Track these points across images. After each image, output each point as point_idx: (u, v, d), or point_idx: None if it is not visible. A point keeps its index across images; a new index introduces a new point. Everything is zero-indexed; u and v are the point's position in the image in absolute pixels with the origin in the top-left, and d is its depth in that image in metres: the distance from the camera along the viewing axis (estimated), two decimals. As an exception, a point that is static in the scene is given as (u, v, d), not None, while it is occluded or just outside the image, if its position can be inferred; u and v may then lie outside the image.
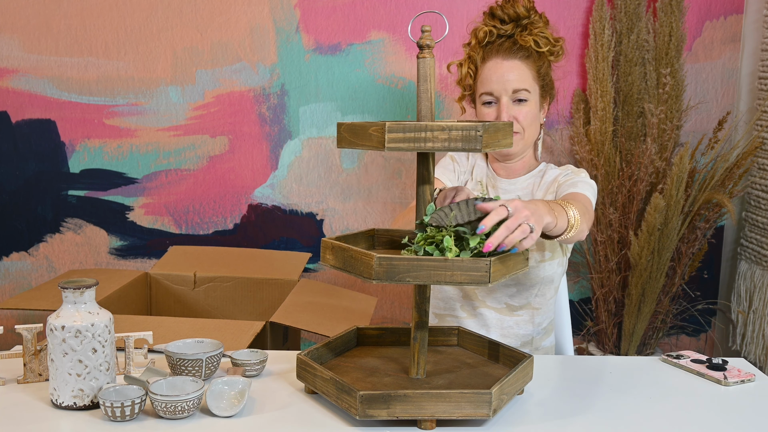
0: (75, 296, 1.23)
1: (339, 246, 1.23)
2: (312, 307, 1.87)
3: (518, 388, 1.26)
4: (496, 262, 1.13)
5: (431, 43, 1.24)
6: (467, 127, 1.14)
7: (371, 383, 1.27)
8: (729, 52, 2.56)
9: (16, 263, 2.67)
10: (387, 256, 1.14)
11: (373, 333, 1.48)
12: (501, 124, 1.21)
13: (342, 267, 1.23)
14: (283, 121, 2.58)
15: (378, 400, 1.15)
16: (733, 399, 1.34)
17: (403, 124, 1.15)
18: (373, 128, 1.16)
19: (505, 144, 1.24)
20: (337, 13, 2.52)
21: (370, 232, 1.40)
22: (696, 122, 2.58)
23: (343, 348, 1.44)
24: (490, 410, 1.15)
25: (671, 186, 2.31)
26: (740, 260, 2.61)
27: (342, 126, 1.23)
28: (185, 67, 2.55)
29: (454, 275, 1.13)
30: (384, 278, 1.15)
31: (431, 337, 1.46)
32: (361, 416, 1.16)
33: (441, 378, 1.29)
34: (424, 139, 1.15)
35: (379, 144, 1.15)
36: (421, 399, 1.15)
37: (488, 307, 1.69)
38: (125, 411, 1.17)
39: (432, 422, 1.17)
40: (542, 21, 1.68)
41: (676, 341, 2.73)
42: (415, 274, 1.14)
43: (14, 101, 2.57)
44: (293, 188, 2.62)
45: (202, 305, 2.17)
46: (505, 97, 1.63)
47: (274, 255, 2.37)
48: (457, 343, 1.48)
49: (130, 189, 2.63)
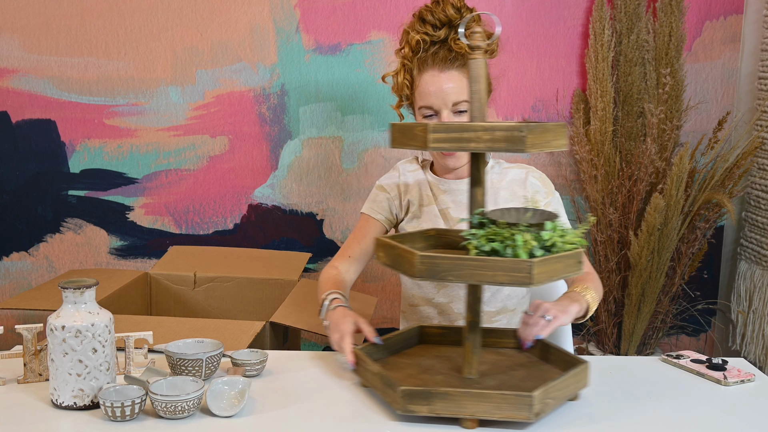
0: (75, 296, 1.23)
1: (388, 244, 1.26)
2: (312, 307, 1.87)
3: (569, 394, 1.24)
4: (539, 264, 1.11)
5: (482, 44, 1.23)
6: (511, 128, 1.13)
7: (421, 380, 1.28)
8: (729, 52, 2.56)
9: (16, 263, 2.67)
10: (429, 254, 1.15)
11: (435, 332, 1.49)
12: (551, 124, 1.18)
13: (391, 264, 1.25)
14: (283, 121, 2.58)
15: (419, 396, 1.16)
16: (732, 399, 1.34)
17: (447, 125, 1.16)
18: (419, 128, 1.18)
19: (557, 145, 1.19)
20: (337, 13, 2.53)
21: (430, 232, 1.40)
22: (696, 122, 2.58)
23: (403, 345, 1.45)
24: (531, 413, 1.14)
25: (671, 186, 2.31)
26: (740, 260, 2.61)
27: (394, 126, 1.25)
28: (185, 67, 2.55)
29: (497, 275, 1.12)
30: (426, 276, 1.16)
31: (493, 339, 1.46)
32: (402, 410, 1.17)
33: (493, 379, 1.29)
34: (467, 139, 1.14)
35: (423, 143, 1.17)
36: (462, 398, 1.15)
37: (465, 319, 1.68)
38: (125, 411, 1.17)
39: (473, 422, 1.17)
40: (474, 19, 1.59)
41: (676, 341, 2.73)
42: (457, 273, 1.14)
43: (14, 101, 2.57)
44: (293, 188, 2.62)
45: (202, 305, 2.17)
46: (446, 110, 1.57)
47: (274, 255, 2.37)
48: (516, 345, 1.46)
49: (130, 189, 2.63)
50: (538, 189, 1.68)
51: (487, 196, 1.68)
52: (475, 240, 1.18)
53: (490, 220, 1.21)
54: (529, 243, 1.14)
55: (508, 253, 1.14)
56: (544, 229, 1.17)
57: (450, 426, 1.18)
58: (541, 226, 1.17)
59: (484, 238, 1.17)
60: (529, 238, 1.14)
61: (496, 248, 1.15)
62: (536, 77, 2.56)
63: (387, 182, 1.75)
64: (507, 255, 1.14)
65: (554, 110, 2.57)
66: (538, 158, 2.59)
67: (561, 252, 1.15)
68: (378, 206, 1.73)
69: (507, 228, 1.17)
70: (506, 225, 1.18)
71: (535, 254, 1.13)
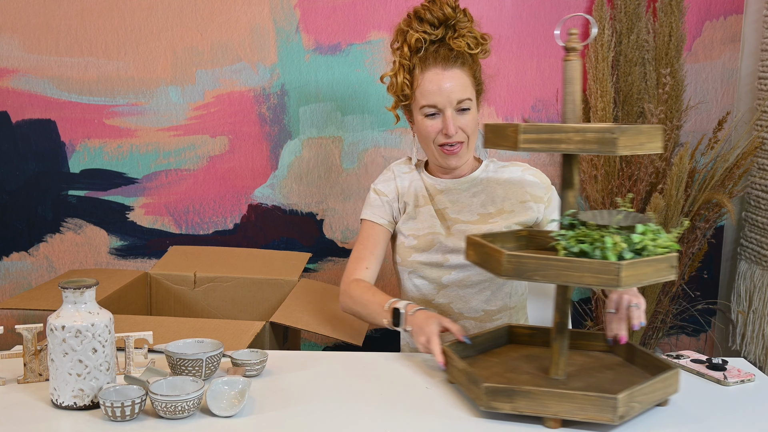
0: (75, 296, 1.23)
1: (478, 242, 1.26)
2: (312, 307, 1.87)
3: (656, 399, 1.23)
4: (628, 267, 1.10)
5: (578, 45, 1.23)
6: (602, 129, 1.12)
7: (507, 379, 1.28)
8: (729, 52, 2.56)
9: (16, 263, 2.67)
10: (516, 254, 1.16)
11: (524, 332, 1.49)
12: (646, 127, 1.16)
13: (479, 263, 1.26)
14: (283, 121, 2.58)
15: (502, 394, 1.17)
16: (732, 399, 1.34)
17: (538, 126, 1.16)
18: (510, 129, 1.19)
19: (652, 148, 1.18)
20: (337, 13, 2.53)
21: (522, 233, 1.40)
22: (696, 122, 2.58)
23: (492, 344, 1.46)
24: (615, 415, 1.13)
25: (671, 186, 2.31)
26: (740, 260, 2.61)
27: (487, 127, 1.27)
28: (185, 67, 2.55)
29: (583, 276, 1.12)
30: (512, 275, 1.16)
31: (585, 341, 1.45)
32: (485, 407, 1.18)
33: (580, 380, 1.28)
34: (557, 140, 1.14)
35: (513, 144, 1.17)
36: (545, 397, 1.15)
37: (467, 318, 1.68)
38: (125, 411, 1.17)
39: (556, 421, 1.17)
40: (467, 18, 1.62)
41: (676, 341, 2.73)
42: (543, 273, 1.14)
43: (14, 101, 2.57)
44: (293, 188, 2.62)
45: (202, 305, 2.17)
46: (450, 108, 1.58)
47: (274, 255, 2.37)
48: (611, 348, 1.45)
49: (130, 189, 2.63)
50: (537, 185, 1.69)
51: (483, 195, 1.69)
52: (564, 241, 1.18)
53: (580, 221, 1.21)
54: (618, 245, 1.12)
55: (596, 255, 1.13)
56: (635, 231, 1.15)
57: (533, 425, 1.18)
58: (632, 228, 1.16)
59: (573, 239, 1.17)
60: (619, 240, 1.13)
61: (584, 249, 1.15)
62: (536, 77, 2.56)
63: (383, 186, 1.75)
64: (596, 257, 1.13)
65: (554, 110, 2.57)
66: (538, 158, 2.59)
67: (652, 255, 1.14)
68: (379, 211, 1.73)
69: (597, 230, 1.16)
70: (596, 227, 1.17)
71: (625, 257, 1.12)
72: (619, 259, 1.12)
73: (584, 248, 1.15)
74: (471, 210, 1.68)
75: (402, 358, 1.51)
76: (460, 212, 1.67)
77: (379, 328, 1.60)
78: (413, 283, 1.71)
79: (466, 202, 1.69)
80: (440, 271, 1.66)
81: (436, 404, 1.28)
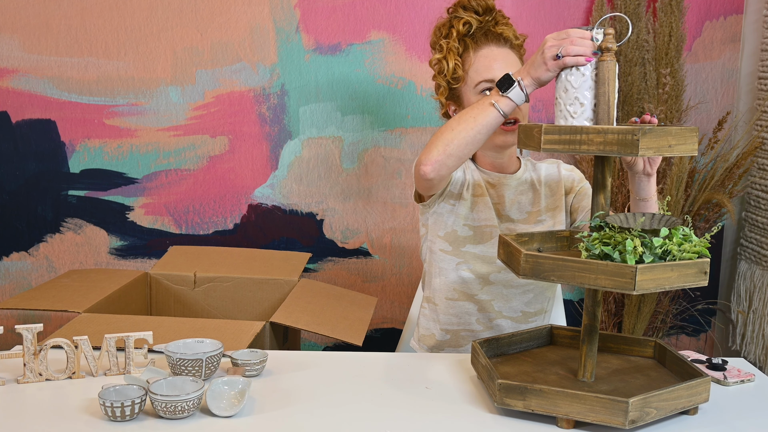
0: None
1: (505, 241, 1.27)
2: (312, 307, 1.87)
3: (677, 406, 1.20)
4: (644, 270, 1.09)
5: (613, 46, 1.23)
6: (623, 131, 1.11)
7: (532, 377, 1.29)
8: (729, 52, 2.56)
9: (16, 263, 2.67)
10: (533, 254, 1.16)
11: (566, 333, 1.49)
12: (675, 128, 1.14)
13: (506, 261, 1.28)
14: (283, 121, 2.58)
15: (515, 391, 1.18)
16: (733, 399, 1.34)
17: (559, 127, 1.17)
18: (536, 130, 1.20)
19: (683, 150, 1.16)
20: (337, 13, 2.53)
21: (563, 233, 1.39)
22: (696, 122, 2.58)
23: (531, 344, 1.46)
24: (626, 420, 1.12)
25: (671, 186, 2.31)
26: (740, 260, 2.61)
27: (521, 128, 1.29)
28: (185, 67, 2.55)
29: (599, 279, 1.11)
30: (530, 275, 1.17)
31: (626, 346, 1.45)
32: (498, 403, 1.20)
33: (607, 384, 1.27)
34: (579, 141, 1.15)
35: (537, 145, 1.19)
36: (556, 396, 1.16)
37: (505, 317, 1.69)
38: (125, 411, 1.17)
39: (568, 422, 1.17)
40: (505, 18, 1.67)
41: (676, 341, 2.73)
42: (559, 274, 1.14)
43: (14, 101, 2.57)
44: (293, 188, 2.62)
45: (202, 305, 2.17)
46: None
47: (274, 255, 2.37)
48: (652, 355, 1.43)
49: (130, 189, 2.63)
50: (573, 177, 1.73)
51: (530, 193, 1.69)
52: (588, 242, 1.18)
53: (609, 224, 1.20)
54: (639, 249, 1.11)
55: (617, 258, 1.13)
56: (658, 235, 1.14)
57: (548, 425, 1.19)
58: (656, 232, 1.15)
59: (597, 241, 1.17)
60: (639, 243, 1.12)
61: (607, 252, 1.14)
62: (536, 77, 2.55)
63: None
64: (617, 259, 1.12)
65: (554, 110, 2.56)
66: (537, 157, 2.59)
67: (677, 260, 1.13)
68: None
69: (621, 233, 1.16)
70: (620, 229, 1.17)
71: (645, 260, 1.11)
72: (638, 263, 1.11)
73: (606, 250, 1.14)
74: (520, 208, 1.69)
75: (402, 358, 1.51)
76: (511, 209, 1.68)
77: (487, 130, 1.40)
78: (459, 274, 1.67)
79: (515, 199, 1.70)
80: (490, 267, 1.66)
81: (436, 404, 1.28)
